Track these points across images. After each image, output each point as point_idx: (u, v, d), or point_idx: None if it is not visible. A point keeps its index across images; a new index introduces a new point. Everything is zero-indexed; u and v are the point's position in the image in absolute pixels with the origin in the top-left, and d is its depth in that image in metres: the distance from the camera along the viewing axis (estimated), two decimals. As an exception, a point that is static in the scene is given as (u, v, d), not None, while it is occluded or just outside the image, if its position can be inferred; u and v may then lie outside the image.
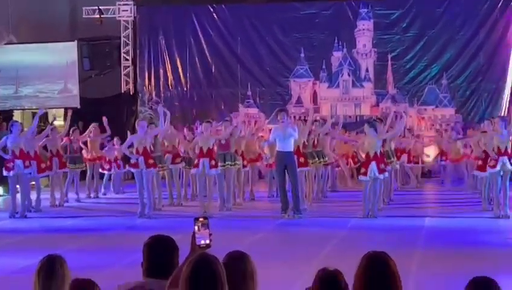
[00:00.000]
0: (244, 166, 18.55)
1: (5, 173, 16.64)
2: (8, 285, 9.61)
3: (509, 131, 15.80)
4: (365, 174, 15.66)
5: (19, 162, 16.27)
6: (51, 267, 4.85)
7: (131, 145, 16.39)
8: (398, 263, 4.48)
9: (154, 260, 4.83)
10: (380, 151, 15.98)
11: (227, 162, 17.22)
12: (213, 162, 16.52)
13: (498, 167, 15.49)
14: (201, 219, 4.34)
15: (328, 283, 4.16)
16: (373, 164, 15.53)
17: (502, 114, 24.09)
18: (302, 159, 16.87)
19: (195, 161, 16.81)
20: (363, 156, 16.31)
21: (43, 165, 17.57)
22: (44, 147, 18.42)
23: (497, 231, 14.36)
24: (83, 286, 4.57)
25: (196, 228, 4.30)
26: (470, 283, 4.51)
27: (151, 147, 16.58)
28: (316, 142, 18.25)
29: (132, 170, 16.73)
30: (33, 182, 17.80)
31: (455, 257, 11.52)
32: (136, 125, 18.53)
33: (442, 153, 21.77)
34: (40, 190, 17.88)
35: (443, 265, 10.98)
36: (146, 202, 16.21)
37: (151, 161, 16.10)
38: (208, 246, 4.25)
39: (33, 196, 17.52)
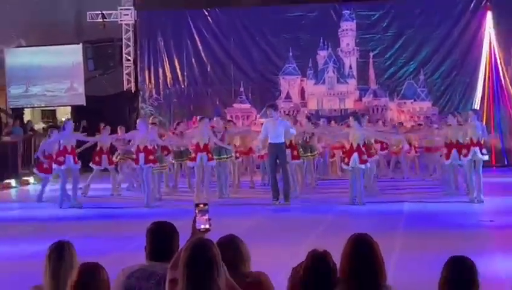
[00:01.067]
0: (236, 157, 18.67)
1: (55, 167, 16.47)
2: (22, 269, 9.60)
3: (482, 123, 15.98)
4: (347, 164, 15.55)
5: (70, 157, 16.21)
6: (59, 252, 4.85)
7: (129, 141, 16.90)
8: (381, 244, 4.50)
9: (156, 244, 4.83)
10: (364, 143, 15.91)
11: (222, 156, 17.43)
12: (210, 156, 16.78)
13: (470, 156, 15.44)
14: (201, 205, 4.33)
15: (318, 261, 4.17)
16: (355, 155, 15.39)
17: (475, 106, 24.20)
18: (295, 152, 17.16)
19: (193, 155, 17.10)
20: (347, 146, 16.02)
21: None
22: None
23: (472, 214, 14.40)
24: (90, 269, 4.54)
25: (196, 213, 4.30)
26: (448, 261, 4.52)
27: (155, 146, 16.69)
28: (307, 139, 18.63)
29: (134, 165, 16.95)
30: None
31: (433, 238, 11.54)
32: (138, 121, 18.28)
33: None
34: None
35: (422, 246, 11.00)
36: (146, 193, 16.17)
37: (151, 157, 16.03)
38: (207, 230, 4.24)
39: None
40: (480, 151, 15.55)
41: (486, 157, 15.96)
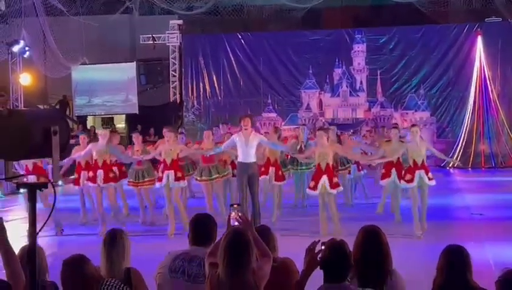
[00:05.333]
0: (233, 175, 13.49)
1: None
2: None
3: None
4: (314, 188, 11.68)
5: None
6: (113, 238, 4.87)
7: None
8: (386, 234, 4.48)
9: (197, 232, 4.84)
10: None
11: (213, 176, 13.12)
12: (179, 174, 12.20)
13: (415, 183, 11.29)
14: (235, 206, 4.35)
15: (336, 249, 4.14)
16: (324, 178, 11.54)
17: (467, 116, 24.03)
18: (279, 172, 13.34)
19: (159, 175, 12.42)
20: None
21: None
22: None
23: (464, 208, 14.28)
24: (75, 262, 4.51)
25: (230, 212, 4.32)
26: (445, 249, 4.50)
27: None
28: (302, 148, 13.60)
29: None
30: None
31: (431, 229, 11.45)
32: (181, 129, 17.65)
33: None
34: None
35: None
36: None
37: (111, 175, 12.38)
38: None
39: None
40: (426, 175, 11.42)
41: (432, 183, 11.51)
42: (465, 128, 24.01)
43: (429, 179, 11.30)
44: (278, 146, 13.24)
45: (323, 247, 4.10)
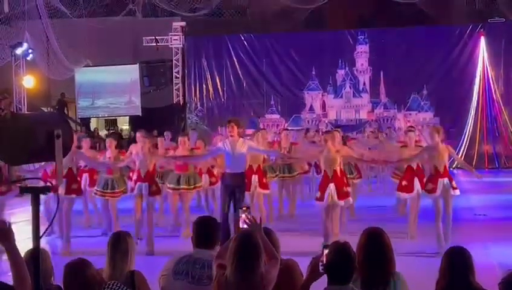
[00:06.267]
0: (211, 183, 13.06)
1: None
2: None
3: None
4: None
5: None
6: (116, 241, 4.89)
7: None
8: (389, 236, 4.48)
9: (201, 234, 4.85)
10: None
11: (181, 185, 11.96)
12: (153, 188, 10.86)
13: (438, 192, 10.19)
14: (244, 208, 4.36)
15: (340, 251, 4.11)
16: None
17: (470, 117, 24.00)
18: (264, 180, 12.34)
19: (132, 185, 11.08)
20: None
21: None
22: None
23: (468, 209, 14.24)
24: (77, 266, 4.54)
25: (240, 215, 4.32)
26: (448, 250, 4.50)
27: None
28: (289, 151, 12.94)
29: None
30: None
31: (434, 230, 11.41)
32: (187, 130, 17.15)
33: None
34: None
35: (425, 237, 10.91)
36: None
37: (74, 186, 11.06)
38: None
39: None
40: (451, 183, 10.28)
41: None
42: (468, 128, 23.99)
43: (453, 188, 10.21)
44: (268, 151, 12.43)
45: (325, 250, 4.09)
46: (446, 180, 10.16)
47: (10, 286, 3.49)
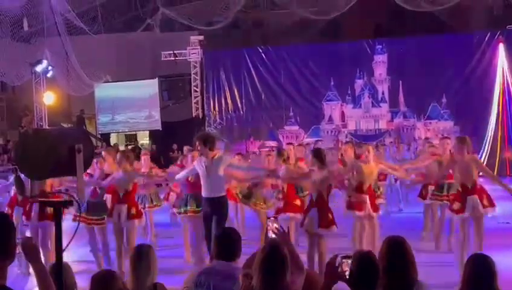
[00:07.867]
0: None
1: None
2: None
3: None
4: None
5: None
6: (139, 254, 4.92)
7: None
8: (411, 244, 4.47)
9: (222, 247, 4.87)
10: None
11: (188, 207, 10.19)
12: (133, 211, 9.56)
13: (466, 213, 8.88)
14: (272, 218, 4.39)
15: (365, 262, 4.07)
16: None
17: (491, 125, 23.84)
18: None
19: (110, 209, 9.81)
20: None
21: None
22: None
23: (491, 217, 14.10)
24: (105, 278, 4.55)
25: (269, 224, 4.35)
26: (471, 258, 4.47)
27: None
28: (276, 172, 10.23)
29: None
30: None
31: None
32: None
33: None
34: None
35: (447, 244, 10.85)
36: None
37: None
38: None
39: None
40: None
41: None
42: (489, 136, 23.83)
43: (484, 206, 8.81)
44: (256, 169, 10.86)
45: (343, 261, 4.04)
46: (475, 197, 8.87)
47: None
